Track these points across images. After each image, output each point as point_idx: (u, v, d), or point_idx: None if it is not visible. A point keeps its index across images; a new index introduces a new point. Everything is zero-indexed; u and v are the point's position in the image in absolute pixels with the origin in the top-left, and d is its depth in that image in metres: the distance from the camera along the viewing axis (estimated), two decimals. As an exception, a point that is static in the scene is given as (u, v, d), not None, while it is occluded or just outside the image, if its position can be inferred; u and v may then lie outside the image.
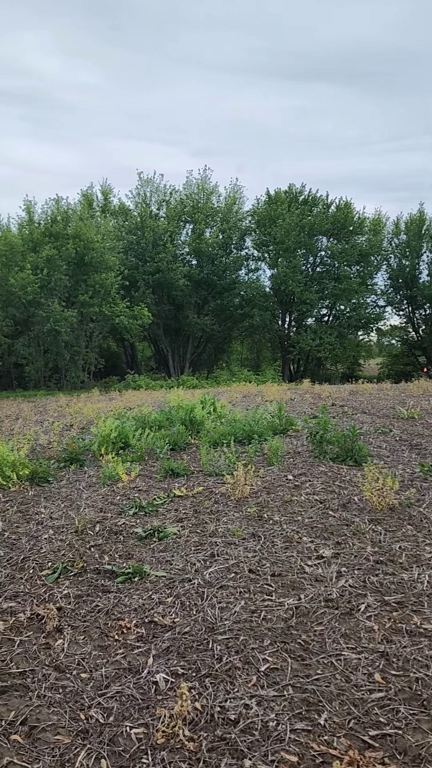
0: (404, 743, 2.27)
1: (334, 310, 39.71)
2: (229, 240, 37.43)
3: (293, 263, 35.77)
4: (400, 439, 8.79)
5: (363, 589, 3.61)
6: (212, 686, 2.69)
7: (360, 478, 6.05)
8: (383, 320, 41.47)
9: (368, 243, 37.67)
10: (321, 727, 2.39)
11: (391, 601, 3.43)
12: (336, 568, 3.94)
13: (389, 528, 4.73)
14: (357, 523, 4.87)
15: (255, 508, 5.36)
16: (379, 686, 2.63)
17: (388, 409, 12.67)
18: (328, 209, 37.80)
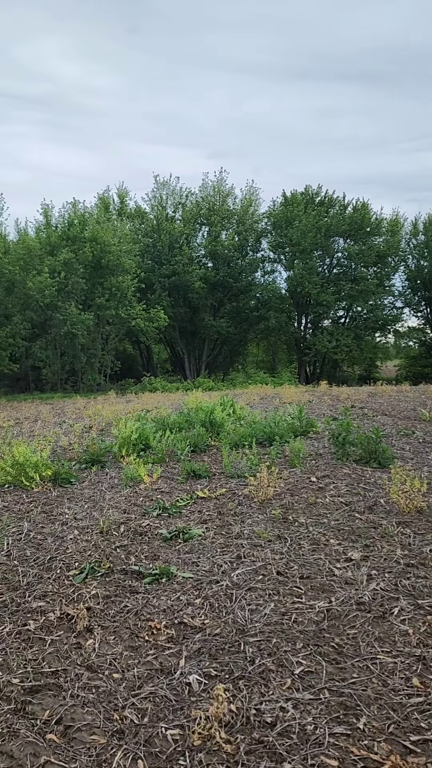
0: (446, 749, 2.22)
1: (351, 311, 39.47)
2: (245, 242, 37.40)
3: (309, 265, 35.63)
4: (424, 441, 8.69)
5: (395, 592, 3.56)
6: (246, 688, 2.65)
7: (385, 480, 5.98)
8: (401, 321, 41.14)
9: (386, 244, 37.40)
10: (360, 732, 2.34)
11: (424, 605, 3.37)
12: (366, 571, 3.89)
13: (418, 531, 4.66)
14: (385, 525, 4.81)
15: (279, 510, 5.31)
16: (417, 691, 2.58)
17: (409, 411, 12.55)
18: (345, 210, 37.61)
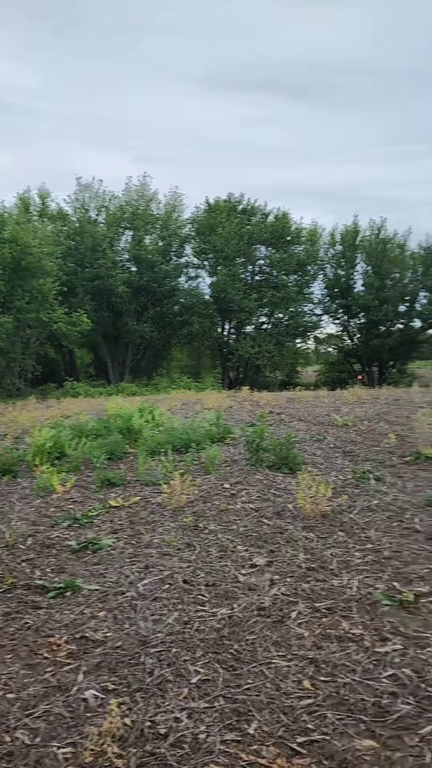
0: (331, 748, 2.32)
1: (273, 318, 40.26)
2: (169, 247, 37.42)
3: (232, 271, 36.09)
4: (334, 446, 8.99)
5: (295, 596, 3.68)
6: (143, 701, 2.67)
7: (295, 486, 6.15)
8: (320, 328, 42.38)
9: (305, 253, 38.45)
10: (250, 737, 2.41)
11: (321, 608, 3.50)
12: (269, 576, 3.99)
13: (321, 535, 4.83)
14: (291, 530, 4.95)
15: (191, 517, 5.36)
16: (308, 693, 2.68)
17: (324, 416, 12.94)
18: (266, 219, 38.39)
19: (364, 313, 39.90)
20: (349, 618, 3.36)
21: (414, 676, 2.77)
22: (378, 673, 2.80)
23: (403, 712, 2.51)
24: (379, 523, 5.08)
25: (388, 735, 2.38)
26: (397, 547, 4.47)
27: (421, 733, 2.38)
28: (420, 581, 3.83)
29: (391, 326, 40.51)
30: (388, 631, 3.19)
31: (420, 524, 5.01)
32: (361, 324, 41.31)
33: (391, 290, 38.56)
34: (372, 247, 39.58)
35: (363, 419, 12.04)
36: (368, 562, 4.19)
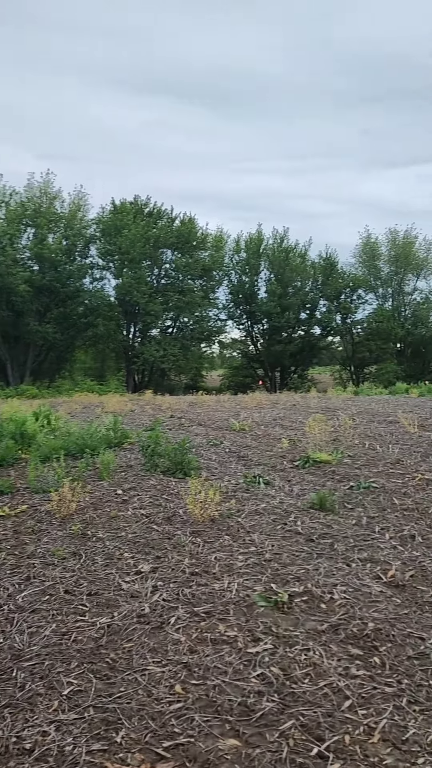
0: (195, 750, 2.39)
1: (178, 322, 40.51)
2: (73, 247, 36.69)
3: (138, 274, 35.95)
4: (230, 450, 9.18)
5: (176, 602, 3.73)
6: (11, 716, 2.62)
7: (186, 491, 6.22)
8: (225, 333, 43.10)
9: (211, 258, 39.00)
10: (117, 745, 2.43)
11: (200, 612, 3.58)
12: (152, 582, 4.02)
13: (208, 539, 4.93)
14: (179, 535, 5.01)
15: (80, 525, 5.30)
16: (178, 697, 2.74)
17: (223, 421, 13.16)
18: (173, 223, 38.57)
19: (267, 320, 40.97)
20: (226, 621, 3.46)
21: (281, 674, 2.89)
22: (248, 674, 2.91)
23: (267, 710, 2.62)
24: (264, 527, 5.26)
25: (250, 733, 2.48)
26: (278, 550, 4.64)
27: (281, 729, 2.50)
28: (296, 582, 4.00)
29: (292, 333, 41.85)
30: (261, 632, 3.31)
31: (302, 526, 5.23)
32: (264, 330, 42.39)
33: (292, 298, 39.83)
34: (275, 255, 40.74)
35: (260, 424, 12.35)
36: (250, 565, 4.33)
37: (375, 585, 3.97)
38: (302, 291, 41.00)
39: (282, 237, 41.75)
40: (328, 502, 5.83)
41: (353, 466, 7.74)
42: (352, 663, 3.00)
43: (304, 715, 2.58)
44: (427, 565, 4.31)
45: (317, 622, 3.45)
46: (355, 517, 5.55)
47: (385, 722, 2.54)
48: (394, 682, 2.84)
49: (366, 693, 2.75)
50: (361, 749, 2.38)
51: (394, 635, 3.28)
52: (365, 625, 3.38)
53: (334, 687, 2.79)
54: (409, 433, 10.50)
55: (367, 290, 43.75)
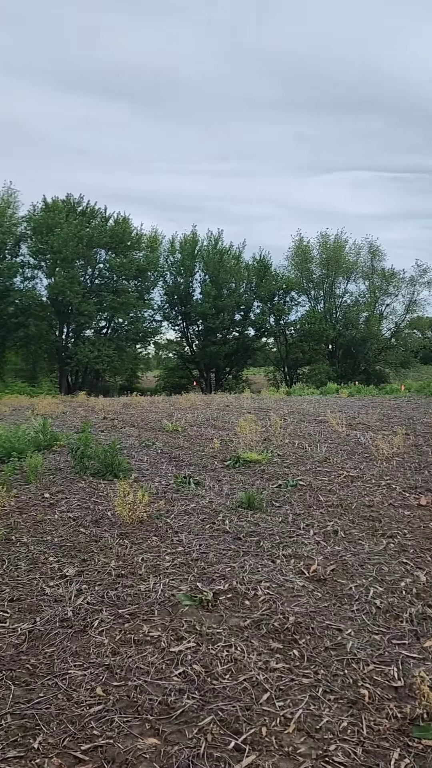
0: (114, 751, 2.39)
1: (113, 322, 40.08)
2: (2, 245, 35.69)
3: (71, 274, 35.34)
4: (162, 452, 9.18)
5: (100, 604, 3.71)
6: None
7: (116, 493, 6.18)
8: (160, 334, 42.98)
9: (145, 259, 38.82)
10: (35, 751, 2.40)
11: (124, 613, 3.57)
12: (77, 586, 3.98)
13: (136, 541, 4.92)
14: (106, 538, 4.98)
15: (3, 530, 5.17)
16: (99, 699, 2.73)
17: (156, 422, 13.14)
18: (106, 222, 38.13)
19: (202, 321, 41.14)
20: (150, 621, 3.47)
21: (202, 671, 2.93)
22: (170, 672, 2.93)
23: (187, 707, 2.65)
24: (193, 526, 5.29)
25: (170, 731, 2.50)
26: (206, 549, 4.69)
27: (200, 725, 2.53)
28: (222, 580, 4.06)
29: (227, 334, 42.19)
30: (184, 631, 3.34)
31: (229, 525, 5.30)
32: (200, 331, 42.55)
33: (227, 299, 40.14)
34: (210, 257, 40.96)
35: (193, 425, 12.41)
36: (176, 565, 4.35)
37: (298, 580, 4.08)
38: (237, 292, 41.41)
39: (216, 239, 42.06)
40: (256, 500, 5.93)
41: (282, 465, 7.90)
42: (272, 657, 3.08)
43: (223, 710, 2.63)
44: (348, 559, 4.46)
45: (240, 618, 3.51)
46: (282, 515, 5.67)
47: (300, 712, 2.62)
48: (311, 673, 2.93)
49: (284, 685, 2.83)
50: (277, 740, 2.44)
51: (313, 628, 3.38)
52: (286, 620, 3.46)
53: (253, 681, 2.85)
54: (337, 432, 10.80)
55: (300, 292, 44.66)
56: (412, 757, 2.35)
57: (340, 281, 45.78)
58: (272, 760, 2.32)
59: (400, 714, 2.62)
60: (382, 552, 4.64)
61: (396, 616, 3.55)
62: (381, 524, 5.35)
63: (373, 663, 3.02)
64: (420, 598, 3.79)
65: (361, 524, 5.36)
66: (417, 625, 3.44)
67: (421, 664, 3.00)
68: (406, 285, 45.66)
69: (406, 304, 46.17)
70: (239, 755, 2.35)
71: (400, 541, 4.89)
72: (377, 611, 3.61)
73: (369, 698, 2.73)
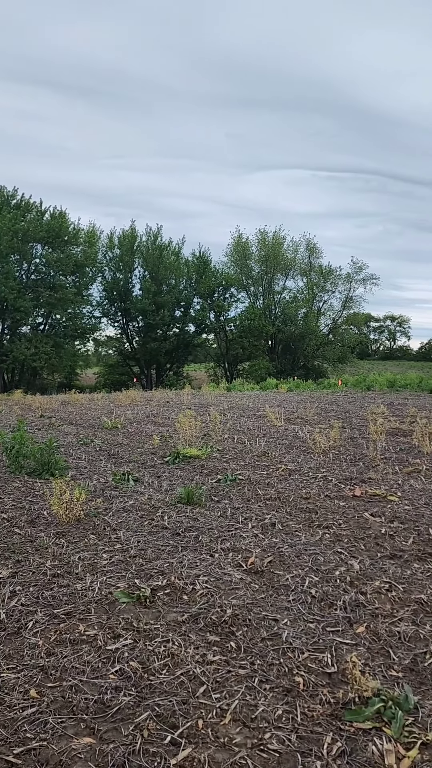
0: (48, 753, 2.35)
1: (50, 319, 39.22)
2: None
3: (6, 269, 34.32)
4: (100, 449, 9.07)
5: (35, 605, 3.63)
6: None
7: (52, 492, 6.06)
8: (99, 331, 42.38)
9: (83, 254, 38.15)
10: (-36, 758, 2.33)
11: (60, 613, 3.51)
12: (10, 588, 3.88)
13: (72, 540, 4.84)
14: (42, 538, 4.88)
15: None
16: (32, 702, 2.67)
17: (95, 419, 12.97)
18: (42, 217, 37.24)
19: (142, 317, 40.86)
20: (87, 620, 3.42)
21: (139, 667, 2.92)
22: (106, 670, 2.90)
23: (123, 704, 2.63)
24: (131, 523, 5.26)
25: (106, 729, 2.48)
26: (144, 545, 4.66)
27: (136, 721, 2.52)
28: (160, 575, 4.04)
29: (167, 330, 42.02)
30: (122, 628, 3.32)
31: (168, 521, 5.29)
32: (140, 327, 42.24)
33: (167, 295, 40.00)
34: (149, 252, 40.68)
35: (132, 421, 12.32)
36: (114, 563, 4.31)
37: (236, 573, 4.11)
38: (176, 289, 41.32)
39: (156, 234, 41.81)
40: (195, 495, 5.94)
41: (221, 460, 7.95)
42: (210, 650, 3.09)
43: (159, 705, 2.62)
44: (285, 551, 4.53)
45: (178, 613, 3.51)
46: (221, 509, 5.70)
47: (236, 703, 2.64)
48: (247, 664, 2.97)
49: (221, 677, 2.85)
50: (213, 731, 2.46)
51: (250, 619, 3.42)
52: (224, 612, 3.49)
53: (190, 675, 2.86)
54: (276, 427, 10.95)
55: (240, 289, 45.00)
56: (344, 740, 2.41)
57: (279, 278, 46.44)
58: (208, 751, 2.34)
59: (333, 699, 2.68)
60: (318, 542, 4.74)
61: (330, 604, 3.64)
62: (317, 515, 5.46)
63: (308, 651, 3.09)
64: (354, 586, 3.89)
65: (298, 516, 5.46)
66: (350, 612, 3.54)
67: (354, 650, 3.08)
68: (342, 282, 46.78)
69: (342, 301, 47.31)
70: (175, 749, 2.36)
71: (335, 532, 5.01)
72: (312, 600, 3.69)
73: (303, 685, 2.78)
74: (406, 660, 3.01)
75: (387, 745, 2.35)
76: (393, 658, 3.02)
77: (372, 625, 3.37)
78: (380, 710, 2.56)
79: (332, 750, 2.35)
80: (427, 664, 2.97)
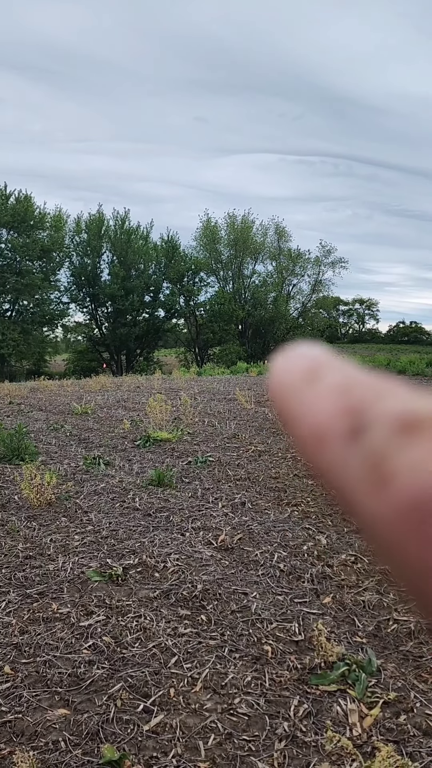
0: (23, 725, 2.40)
1: (17, 305, 38.63)
2: None
3: (-30, 254, 33.68)
4: (71, 434, 9.06)
5: (7, 586, 3.67)
6: None
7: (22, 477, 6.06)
8: (68, 317, 41.90)
9: (50, 239, 37.58)
10: None
11: (33, 593, 3.55)
12: (-17, 570, 3.91)
13: (44, 522, 4.87)
14: (13, 521, 4.89)
15: None
16: (7, 678, 2.72)
17: (65, 405, 12.91)
18: (7, 201, 36.51)
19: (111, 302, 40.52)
20: (60, 599, 3.47)
21: (112, 642, 2.98)
22: (79, 646, 2.96)
23: (97, 677, 2.70)
24: (103, 506, 5.30)
25: (80, 701, 2.55)
26: (116, 526, 4.72)
27: (110, 692, 2.59)
28: (132, 555, 4.11)
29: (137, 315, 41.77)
30: (94, 605, 3.38)
31: (140, 503, 5.34)
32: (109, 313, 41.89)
33: (136, 280, 39.71)
34: (117, 237, 40.27)
35: (103, 407, 12.30)
36: (86, 543, 4.36)
37: (206, 550, 4.20)
38: (145, 273, 41.03)
39: (123, 219, 41.36)
40: (166, 477, 6.00)
41: (192, 443, 8.02)
42: (181, 623, 3.18)
43: (132, 677, 2.70)
44: (255, 528, 4.63)
45: (150, 590, 3.58)
46: (192, 490, 5.78)
47: (207, 672, 2.73)
48: (218, 635, 3.06)
49: (192, 648, 2.93)
50: (185, 699, 2.54)
51: (220, 593, 3.51)
52: (195, 588, 3.57)
53: (162, 647, 2.94)
54: (246, 410, 11.06)
55: (209, 273, 44.88)
56: (310, 702, 2.52)
57: (248, 262, 46.41)
58: (180, 717, 2.42)
59: (300, 665, 2.79)
60: (287, 519, 4.86)
61: (298, 577, 3.75)
62: (286, 494, 5.58)
63: (276, 621, 3.19)
64: (320, 560, 4.01)
65: (267, 495, 5.57)
66: (317, 584, 3.65)
67: (320, 618, 3.20)
68: (311, 265, 46.98)
69: (312, 284, 47.55)
70: (148, 716, 2.43)
71: (303, 509, 5.13)
72: (281, 574, 3.80)
73: (272, 653, 2.89)
74: (370, 627, 3.13)
75: (351, 705, 2.47)
76: (357, 625, 3.15)
77: (338, 595, 3.49)
78: (344, 674, 2.67)
79: (299, 711, 2.46)
80: (390, 630, 3.10)
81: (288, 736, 2.32)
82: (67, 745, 2.30)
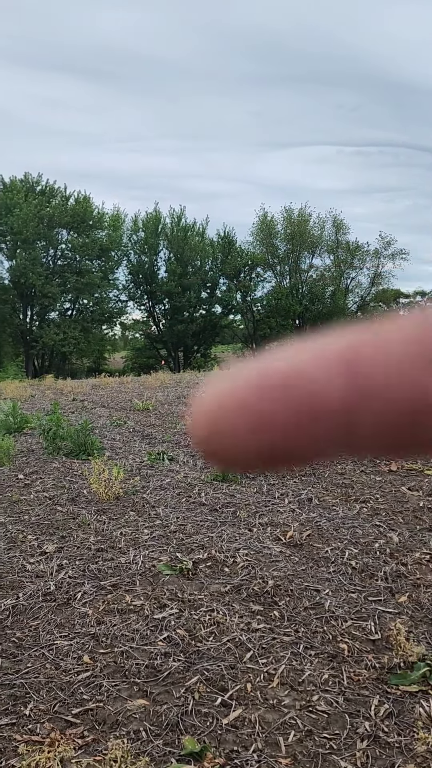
0: (104, 713, 2.45)
1: (78, 304, 39.58)
2: (-40, 227, 34.80)
3: (33, 255, 34.71)
4: (134, 430, 9.20)
5: (82, 578, 3.75)
6: None
7: (90, 472, 6.20)
8: (126, 314, 42.62)
9: (108, 238, 38.28)
10: (26, 718, 2.45)
11: (106, 585, 3.62)
12: (58, 561, 4.01)
13: (113, 516, 4.96)
14: (84, 515, 5.01)
15: (-21, 512, 5.16)
16: (86, 667, 2.78)
17: (126, 401, 13.12)
18: (67, 201, 37.43)
19: (168, 299, 40.91)
20: (133, 591, 3.53)
21: (186, 635, 3.01)
22: (154, 638, 3.00)
23: (173, 669, 2.72)
24: (169, 500, 5.35)
25: (158, 692, 2.58)
26: (183, 521, 4.76)
27: (187, 685, 2.61)
28: (200, 549, 4.13)
29: (194, 312, 42.03)
30: (167, 598, 3.41)
31: (205, 498, 5.37)
32: (166, 310, 42.31)
33: (192, 277, 39.95)
34: (173, 234, 40.59)
35: (163, 403, 12.43)
36: (155, 537, 4.41)
37: (275, 546, 4.18)
38: (202, 270, 41.23)
39: (179, 216, 41.68)
40: (231, 473, 6.00)
41: (254, 438, 7.99)
42: (254, 618, 3.17)
43: (208, 670, 2.71)
44: (323, 525, 4.58)
45: (221, 584, 3.59)
46: (257, 486, 5.77)
47: (283, 668, 2.71)
48: (291, 631, 3.04)
49: (266, 644, 2.92)
50: (262, 694, 2.54)
51: (292, 590, 3.49)
52: (266, 583, 3.56)
53: (236, 641, 2.94)
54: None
55: (266, 268, 44.67)
56: (390, 702, 2.47)
57: (306, 256, 45.92)
58: (258, 712, 2.42)
59: (378, 664, 2.74)
60: (356, 516, 4.78)
61: (371, 575, 3.68)
62: (354, 490, 5.49)
63: (351, 619, 3.14)
64: (393, 558, 3.93)
65: (334, 491, 5.49)
66: (392, 582, 3.58)
67: (397, 618, 3.13)
68: (370, 258, 46.04)
69: (371, 277, 46.63)
70: (226, 710, 2.44)
71: (372, 506, 5.03)
72: (353, 571, 3.74)
73: (348, 652, 2.84)
74: (449, 627, 3.04)
75: (434, 707, 2.40)
76: (436, 625, 3.06)
77: (414, 594, 3.41)
78: (426, 674, 2.61)
79: (380, 711, 2.41)
80: (471, 631, 3.00)
81: (370, 735, 2.28)
82: (148, 735, 2.33)
